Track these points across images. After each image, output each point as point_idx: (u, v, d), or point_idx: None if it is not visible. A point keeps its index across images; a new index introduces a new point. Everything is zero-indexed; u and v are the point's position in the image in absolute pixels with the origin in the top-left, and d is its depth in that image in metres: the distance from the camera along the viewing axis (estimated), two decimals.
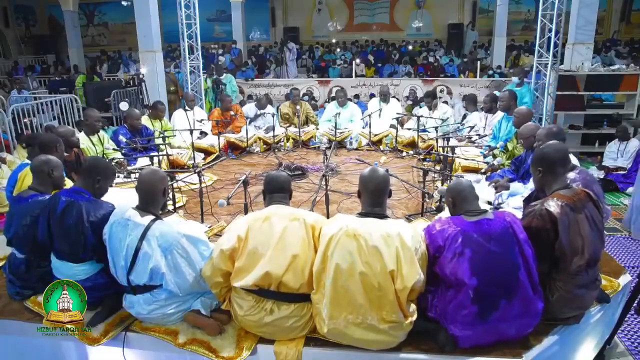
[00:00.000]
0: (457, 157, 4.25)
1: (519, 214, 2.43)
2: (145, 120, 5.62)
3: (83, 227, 2.38)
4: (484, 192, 3.51)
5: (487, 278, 2.07)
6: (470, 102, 6.31)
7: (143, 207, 2.33)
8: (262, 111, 6.79)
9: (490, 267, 2.08)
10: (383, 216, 2.22)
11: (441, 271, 2.16)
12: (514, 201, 3.31)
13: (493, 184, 3.75)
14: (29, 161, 3.45)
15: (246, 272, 2.18)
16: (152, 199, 2.35)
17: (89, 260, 2.45)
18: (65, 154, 3.93)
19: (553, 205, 2.24)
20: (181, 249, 2.24)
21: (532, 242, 2.19)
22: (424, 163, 4.93)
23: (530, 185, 3.33)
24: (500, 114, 5.41)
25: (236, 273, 2.21)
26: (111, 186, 3.88)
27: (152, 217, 2.29)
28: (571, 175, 2.78)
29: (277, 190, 2.43)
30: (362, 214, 2.25)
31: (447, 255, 2.12)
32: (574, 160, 3.18)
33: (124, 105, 6.80)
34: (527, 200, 3.06)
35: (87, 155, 4.22)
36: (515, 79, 7.20)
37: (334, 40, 17.32)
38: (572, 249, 2.21)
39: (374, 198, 2.26)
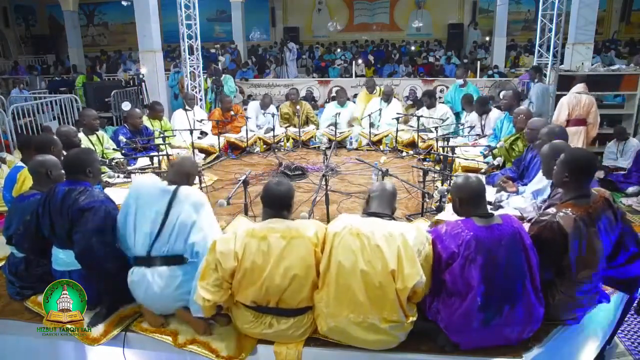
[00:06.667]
0: (457, 157, 4.25)
1: (518, 214, 2.41)
2: (145, 121, 5.61)
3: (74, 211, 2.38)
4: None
5: (494, 285, 2.05)
6: (467, 102, 6.29)
7: (170, 182, 2.44)
8: (263, 111, 6.79)
9: (499, 274, 2.06)
10: (388, 216, 2.24)
11: (452, 277, 2.11)
12: (514, 201, 3.30)
13: (499, 185, 3.67)
14: (22, 164, 3.45)
15: (244, 289, 2.16)
16: (179, 179, 2.46)
17: None
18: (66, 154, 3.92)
19: (565, 219, 2.16)
20: (208, 209, 2.38)
21: (540, 251, 2.15)
22: (424, 163, 4.93)
23: (530, 188, 3.33)
24: (495, 112, 5.48)
25: (234, 289, 2.19)
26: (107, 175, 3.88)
27: (176, 185, 2.41)
28: None
29: (275, 207, 2.25)
30: (367, 214, 2.27)
31: (460, 261, 2.07)
32: None
33: (126, 105, 6.82)
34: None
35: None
36: (459, 81, 7.35)
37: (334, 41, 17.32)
38: (580, 264, 2.16)
39: (379, 202, 2.31)
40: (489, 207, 3.11)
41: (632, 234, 2.39)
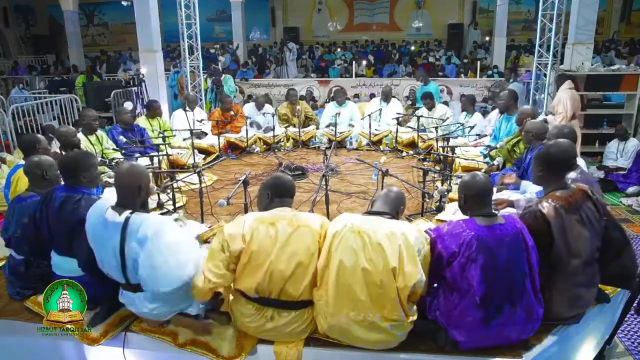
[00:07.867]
0: (457, 157, 4.25)
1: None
2: (143, 121, 5.61)
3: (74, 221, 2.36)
4: None
5: (495, 284, 2.06)
6: (469, 102, 6.28)
7: (120, 205, 2.23)
8: (261, 111, 6.78)
9: (500, 274, 2.06)
10: (389, 215, 2.24)
11: (452, 276, 2.12)
12: (513, 197, 3.29)
13: (499, 184, 3.65)
14: (23, 162, 3.45)
15: (248, 275, 2.16)
16: (128, 196, 2.24)
17: None
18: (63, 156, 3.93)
19: (546, 207, 2.22)
20: (157, 241, 2.13)
21: None
22: (424, 163, 4.93)
23: (533, 187, 3.33)
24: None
25: (238, 275, 2.20)
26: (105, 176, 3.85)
27: (128, 212, 2.19)
28: (572, 175, 2.77)
29: (287, 194, 2.37)
30: (368, 213, 2.28)
31: (461, 260, 2.08)
32: (582, 164, 3.17)
33: (128, 105, 6.84)
34: None
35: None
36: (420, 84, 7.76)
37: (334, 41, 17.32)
38: (568, 251, 2.19)
39: (381, 202, 2.33)
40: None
41: (615, 225, 2.40)
